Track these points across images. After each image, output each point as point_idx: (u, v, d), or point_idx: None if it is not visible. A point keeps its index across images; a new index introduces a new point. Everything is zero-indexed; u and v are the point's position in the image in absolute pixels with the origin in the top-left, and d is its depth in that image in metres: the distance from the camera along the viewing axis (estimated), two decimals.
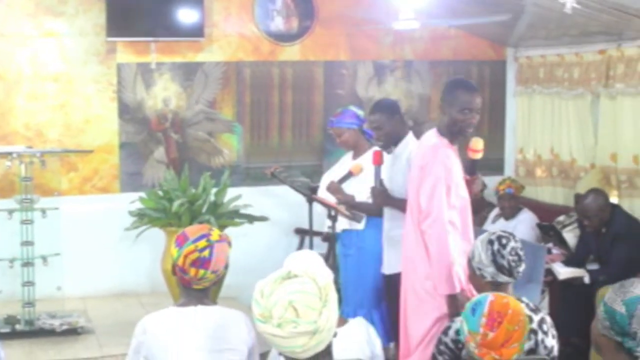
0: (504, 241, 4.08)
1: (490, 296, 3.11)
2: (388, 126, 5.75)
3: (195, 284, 3.62)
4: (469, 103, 4.81)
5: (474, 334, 3.00)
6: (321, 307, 2.77)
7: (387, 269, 5.81)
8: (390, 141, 5.79)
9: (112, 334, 6.06)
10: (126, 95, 7.36)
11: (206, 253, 3.59)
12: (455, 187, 4.83)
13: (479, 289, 3.97)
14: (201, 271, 3.58)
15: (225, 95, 7.62)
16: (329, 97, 7.86)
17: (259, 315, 2.79)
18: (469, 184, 4.95)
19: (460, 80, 5.20)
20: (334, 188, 6.06)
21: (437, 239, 4.76)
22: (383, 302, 6.05)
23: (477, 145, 4.90)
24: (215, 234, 3.66)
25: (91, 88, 7.35)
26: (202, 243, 3.58)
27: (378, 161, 5.68)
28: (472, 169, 4.98)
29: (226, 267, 3.72)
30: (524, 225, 7.21)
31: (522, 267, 4.11)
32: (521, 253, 4.09)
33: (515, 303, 3.17)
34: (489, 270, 4.05)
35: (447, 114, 4.88)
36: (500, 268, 4.04)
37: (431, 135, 4.96)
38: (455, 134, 4.88)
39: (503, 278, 4.04)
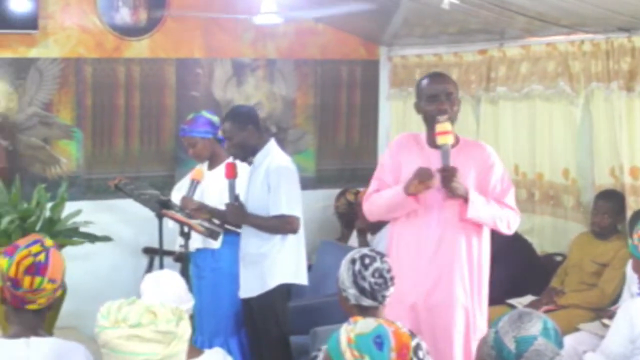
0: (367, 261, 4.09)
1: (385, 326, 3.07)
2: (238, 137, 5.70)
3: (30, 299, 3.53)
4: (431, 90, 4.98)
5: None
6: (177, 320, 2.86)
7: (244, 292, 5.82)
8: (242, 153, 5.76)
9: None
10: None
11: (41, 257, 3.52)
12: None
13: (347, 313, 3.98)
14: (37, 279, 3.50)
15: (63, 97, 7.46)
16: (182, 100, 7.78)
17: (109, 324, 2.84)
18: (443, 177, 4.86)
19: (428, 74, 5.37)
20: (189, 204, 5.94)
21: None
22: (242, 329, 6.07)
23: (441, 128, 4.90)
24: (48, 240, 3.62)
25: None
26: (35, 248, 3.53)
27: (231, 174, 5.67)
28: (444, 158, 4.88)
29: (64, 286, 3.66)
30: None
31: (388, 291, 4.12)
32: (387, 275, 4.10)
33: (404, 331, 3.22)
34: (351, 292, 4.07)
35: (420, 110, 5.06)
36: (362, 290, 4.06)
37: None
38: (430, 126, 4.98)
39: (367, 302, 4.07)
